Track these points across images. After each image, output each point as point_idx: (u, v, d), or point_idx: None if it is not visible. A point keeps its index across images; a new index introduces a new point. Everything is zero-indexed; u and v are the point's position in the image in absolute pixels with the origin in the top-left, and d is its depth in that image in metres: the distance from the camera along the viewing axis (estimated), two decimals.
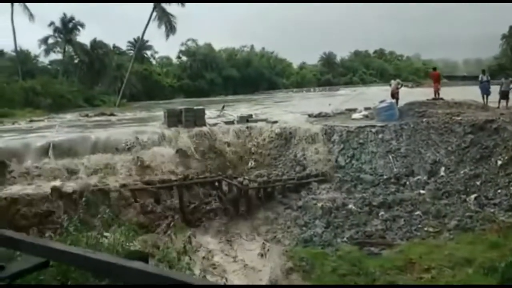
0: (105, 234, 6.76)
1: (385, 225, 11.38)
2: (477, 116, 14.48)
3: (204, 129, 16.09)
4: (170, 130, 16.00)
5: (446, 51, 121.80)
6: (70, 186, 11.62)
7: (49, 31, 38.98)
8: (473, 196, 12.21)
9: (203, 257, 10.18)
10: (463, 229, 10.51)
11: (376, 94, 37.24)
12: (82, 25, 39.38)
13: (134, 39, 58.99)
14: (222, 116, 21.12)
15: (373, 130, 15.45)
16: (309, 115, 18.61)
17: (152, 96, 49.15)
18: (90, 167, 13.23)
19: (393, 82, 19.16)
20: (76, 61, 42.07)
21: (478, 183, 12.64)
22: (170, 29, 37.61)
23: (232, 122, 17.16)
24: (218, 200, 13.07)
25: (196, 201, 12.75)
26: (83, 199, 11.20)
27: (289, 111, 23.21)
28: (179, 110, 16.90)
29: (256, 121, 17.39)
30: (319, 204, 12.59)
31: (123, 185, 12.26)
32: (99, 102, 37.10)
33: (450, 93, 20.19)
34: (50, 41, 39.45)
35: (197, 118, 16.49)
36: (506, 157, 12.64)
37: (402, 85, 18.80)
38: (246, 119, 17.30)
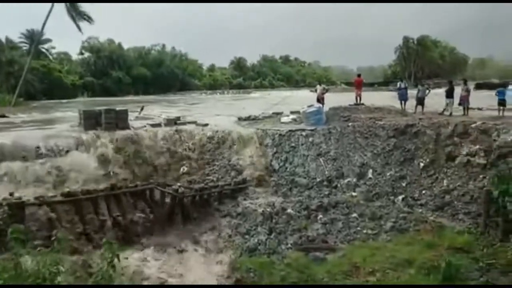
0: (25, 256, 5.67)
1: (325, 229, 11.44)
2: (398, 120, 15.46)
3: (128, 132, 14.82)
4: (88, 134, 14.43)
5: (342, 58, 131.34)
6: None
7: None
8: (400, 197, 12.93)
9: (143, 278, 9.20)
10: (398, 230, 10.99)
11: (292, 97, 38.59)
12: None
13: (28, 31, 53.31)
14: (141, 117, 19.77)
15: (304, 133, 15.66)
16: (239, 118, 18.26)
17: (52, 94, 44.70)
18: None
19: (318, 87, 19.73)
20: None
21: (404, 184, 13.44)
22: (88, 20, 34.62)
23: (159, 125, 16.06)
24: (151, 211, 12.00)
25: (126, 213, 11.53)
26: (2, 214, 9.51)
27: (214, 113, 22.66)
28: (98, 111, 15.34)
29: (184, 123, 16.53)
30: (259, 210, 12.27)
31: (39, 198, 10.59)
32: None
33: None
34: None
35: (119, 120, 15.15)
36: (428, 159, 13.63)
37: (327, 90, 19.46)
38: (174, 121, 16.36)
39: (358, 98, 19.19)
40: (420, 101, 17.96)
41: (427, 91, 18.47)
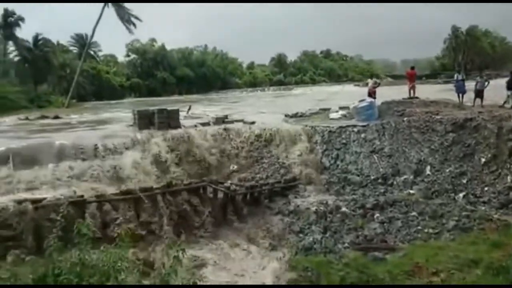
0: (91, 253, 5.81)
1: (383, 228, 11.07)
2: (456, 114, 14.71)
3: (180, 131, 15.04)
4: (142, 133, 14.78)
5: (385, 51, 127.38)
6: (38, 199, 10.14)
7: None
8: (461, 195, 12.31)
9: (201, 273, 9.28)
10: (461, 229, 10.44)
11: (337, 93, 37.91)
12: (22, 20, 36.09)
13: (77, 34, 55.71)
14: (189, 117, 20.05)
15: (355, 129, 15.26)
16: (285, 115, 18.09)
17: (101, 96, 46.52)
18: (59, 177, 11.76)
19: (370, 80, 19.14)
20: (16, 59, 38.47)
21: (464, 181, 12.78)
22: (130, 24, 35.85)
23: (208, 124, 16.21)
24: (205, 207, 12.12)
25: (182, 210, 11.70)
26: (60, 214, 9.90)
27: (258, 111, 22.61)
28: (151, 111, 15.68)
29: (232, 121, 16.58)
30: (312, 208, 12.07)
31: (100, 195, 10.95)
32: (45, 103, 34.23)
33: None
34: None
35: (171, 120, 15.40)
36: (489, 155, 12.88)
37: (379, 84, 18.82)
38: (222, 120, 16.44)
39: (412, 92, 18.44)
40: (479, 94, 16.99)
41: (486, 83, 17.45)
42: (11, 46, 37.31)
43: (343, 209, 12.11)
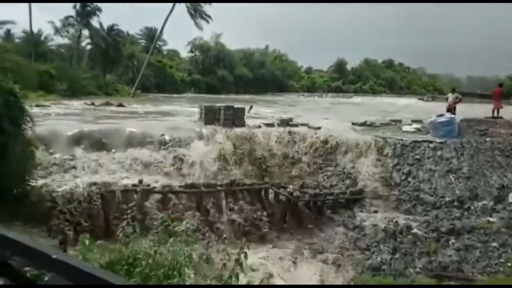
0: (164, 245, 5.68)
1: (459, 256, 10.11)
2: None
3: (244, 130, 14.76)
4: (207, 128, 14.66)
5: (449, 66, 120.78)
6: (108, 183, 10.24)
7: (68, 13, 37.41)
8: None
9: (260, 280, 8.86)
10: None
11: (405, 106, 36.18)
12: (99, 10, 37.84)
13: (146, 28, 57.70)
14: (250, 116, 19.78)
15: (431, 145, 14.18)
16: (353, 123, 17.29)
17: (163, 89, 47.70)
18: (126, 164, 11.87)
19: (450, 95, 17.83)
20: (90, 46, 40.44)
21: None
22: (201, 20, 36.68)
23: (272, 125, 15.81)
24: (265, 210, 11.73)
25: (243, 210, 11.40)
26: (136, 200, 9.96)
27: (321, 117, 21.86)
28: (217, 107, 15.55)
29: (297, 125, 16.06)
30: (381, 226, 11.28)
31: (166, 186, 10.90)
32: (113, 91, 35.60)
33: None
34: (67, 23, 37.74)
35: (236, 118, 15.18)
36: None
37: (460, 100, 17.48)
38: (287, 122, 15.97)
39: (496, 111, 16.93)
40: None
41: None
42: (84, 34, 39.21)
43: (415, 230, 11.22)
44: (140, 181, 10.83)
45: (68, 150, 11.50)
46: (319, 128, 15.67)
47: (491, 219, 11.67)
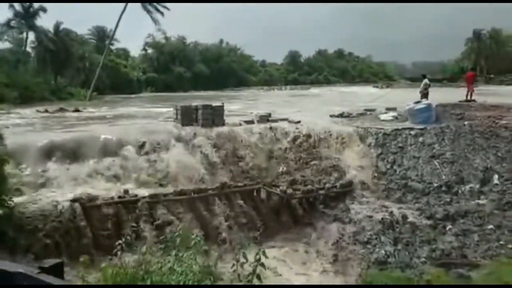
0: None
1: (459, 241, 10.13)
2: None
3: (225, 129, 14.15)
4: (186, 129, 13.90)
5: (394, 53, 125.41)
6: (91, 197, 9.32)
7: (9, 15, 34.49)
8: None
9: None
10: None
11: (365, 94, 36.86)
12: (44, 10, 35.26)
13: (95, 27, 55.09)
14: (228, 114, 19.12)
15: (412, 133, 14.30)
16: (331, 115, 17.15)
17: (118, 89, 45.66)
18: (105, 174, 10.93)
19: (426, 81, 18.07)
20: (36, 49, 37.70)
21: None
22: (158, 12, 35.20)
23: (252, 122, 15.30)
24: (259, 211, 11.26)
25: (237, 212, 10.86)
26: (124, 212, 9.13)
27: (294, 110, 21.57)
28: (194, 106, 14.80)
29: (276, 120, 15.65)
30: (377, 217, 11.14)
31: (153, 196, 10.11)
32: (67, 95, 33.50)
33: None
34: (5, 28, 34.85)
35: (215, 117, 14.52)
36: None
37: (430, 85, 17.78)
38: (266, 118, 15.52)
39: (470, 94, 17.38)
40: None
41: None
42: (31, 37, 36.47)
43: (411, 218, 11.17)
44: (126, 192, 10.00)
45: (40, 163, 10.39)
46: (299, 122, 15.36)
47: (480, 201, 11.88)
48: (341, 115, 17.03)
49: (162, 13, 36.82)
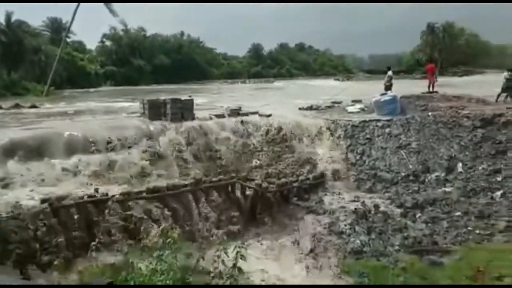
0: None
1: (429, 228, 10.52)
2: (483, 110, 14.39)
3: (196, 123, 13.88)
4: (154, 125, 13.50)
5: (352, 47, 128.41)
6: (60, 197, 8.85)
7: None
8: (499, 193, 11.94)
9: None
10: None
11: (328, 87, 37.44)
12: None
13: (50, 19, 52.53)
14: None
15: (379, 124, 14.66)
16: (300, 108, 17.25)
17: (75, 83, 43.77)
18: (72, 173, 10.43)
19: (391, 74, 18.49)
20: None
21: (499, 179, 12.41)
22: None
23: (222, 116, 15.11)
24: (236, 206, 11.17)
25: (213, 208, 10.69)
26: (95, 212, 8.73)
27: (262, 104, 21.53)
28: (163, 100, 14.40)
29: (247, 114, 15.54)
30: (350, 207, 11.34)
31: (125, 193, 9.75)
32: (22, 91, 31.67)
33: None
34: None
35: (185, 111, 14.19)
36: None
37: (391, 77, 18.25)
38: (237, 112, 15.37)
39: (431, 86, 18.00)
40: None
41: None
42: None
43: (382, 208, 11.48)
44: (96, 190, 9.59)
45: (0, 163, 9.74)
46: (270, 115, 15.34)
47: (446, 189, 12.37)
48: (310, 108, 17.18)
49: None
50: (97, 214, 9.17)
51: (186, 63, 61.75)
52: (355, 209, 11.18)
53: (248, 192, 11.71)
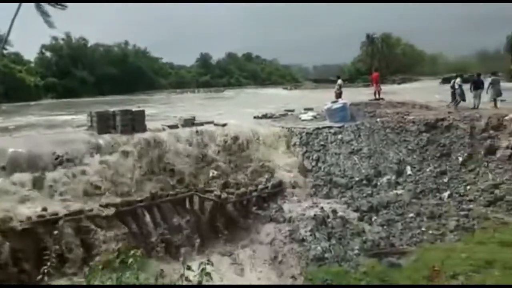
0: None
1: (385, 231, 10.86)
2: (426, 115, 15.20)
3: (149, 135, 13.41)
4: (104, 138, 12.88)
5: (297, 57, 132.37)
6: (6, 218, 8.13)
7: None
8: (446, 194, 12.61)
9: None
10: (464, 229, 10.64)
11: (278, 96, 37.93)
12: None
13: None
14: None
15: (332, 131, 15.02)
16: (255, 117, 17.27)
17: (13, 96, 40.97)
18: (18, 191, 9.65)
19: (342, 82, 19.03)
20: None
21: (445, 180, 13.12)
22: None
23: (176, 126, 14.75)
24: (194, 219, 10.88)
25: (170, 223, 10.34)
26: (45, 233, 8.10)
27: (215, 113, 21.32)
28: (111, 112, 13.78)
29: (202, 124, 15.29)
30: (310, 214, 11.45)
31: (77, 212, 9.17)
32: None
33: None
34: None
35: (136, 122, 13.68)
36: (465, 154, 13.42)
37: (341, 86, 18.84)
38: (191, 122, 15.08)
39: (377, 93, 18.76)
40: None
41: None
42: None
43: (340, 213, 11.69)
44: (44, 209, 8.94)
45: None
46: (225, 124, 15.20)
47: (398, 192, 12.86)
48: (264, 116, 17.25)
49: (63, 7, 33.50)
50: (48, 236, 8.55)
51: (132, 73, 59.96)
52: (315, 215, 11.29)
53: (207, 204, 11.47)
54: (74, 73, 53.58)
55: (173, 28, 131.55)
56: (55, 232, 8.61)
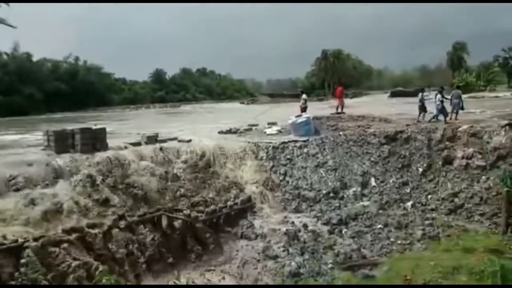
0: None
1: (356, 243, 11.00)
2: (386, 127, 15.75)
3: (110, 154, 12.87)
4: (63, 158, 12.21)
5: (250, 71, 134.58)
6: None
7: None
8: (409, 204, 13.05)
9: None
10: (430, 237, 10.98)
11: (235, 110, 37.90)
12: None
13: None
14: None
15: (297, 145, 15.18)
16: (219, 132, 17.10)
17: None
18: None
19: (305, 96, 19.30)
20: None
21: (407, 190, 13.60)
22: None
23: (138, 144, 14.28)
24: (163, 239, 10.46)
25: (139, 245, 9.88)
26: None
27: (176, 130, 20.92)
28: (70, 131, 13.11)
29: (165, 140, 14.93)
30: (281, 229, 11.40)
31: (39, 238, 8.52)
32: None
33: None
34: None
35: (96, 141, 13.11)
36: (425, 164, 14.00)
37: (306, 100, 19.17)
38: (154, 139, 14.67)
39: (340, 107, 19.22)
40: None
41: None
42: None
43: (310, 227, 11.74)
44: (4, 237, 8.24)
45: None
46: (190, 141, 14.93)
47: (364, 203, 13.14)
48: (229, 131, 17.14)
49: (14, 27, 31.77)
50: (9, 265, 7.87)
51: (83, 89, 57.72)
52: (287, 230, 11.26)
53: (176, 223, 11.10)
54: (21, 89, 50.82)
55: (123, 45, 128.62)
56: (18, 259, 8.02)
